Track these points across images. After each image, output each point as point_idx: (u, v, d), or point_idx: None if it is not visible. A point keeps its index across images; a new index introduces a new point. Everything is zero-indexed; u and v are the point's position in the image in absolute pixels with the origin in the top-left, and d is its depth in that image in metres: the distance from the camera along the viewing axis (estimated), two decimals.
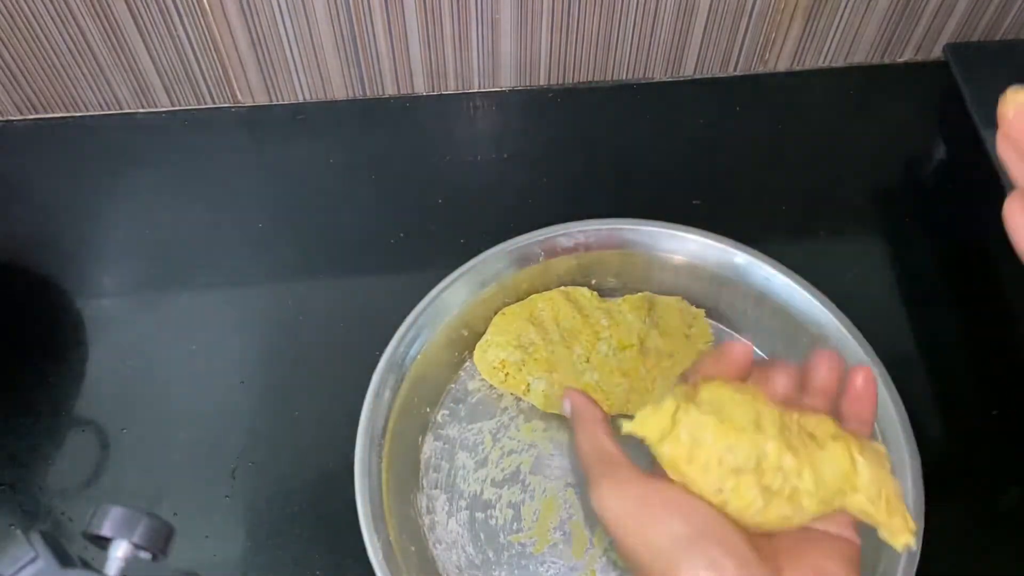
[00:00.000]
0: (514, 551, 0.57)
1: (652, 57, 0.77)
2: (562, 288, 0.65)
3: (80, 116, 0.76)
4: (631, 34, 0.75)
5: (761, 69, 0.80)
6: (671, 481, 0.38)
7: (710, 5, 0.73)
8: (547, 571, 0.57)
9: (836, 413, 0.42)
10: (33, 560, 0.36)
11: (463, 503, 0.59)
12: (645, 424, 0.39)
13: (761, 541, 0.38)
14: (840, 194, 0.74)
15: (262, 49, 0.72)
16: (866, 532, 0.51)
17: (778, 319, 0.62)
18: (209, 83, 0.75)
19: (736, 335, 0.65)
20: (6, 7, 0.66)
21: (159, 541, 0.40)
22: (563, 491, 0.59)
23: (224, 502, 0.59)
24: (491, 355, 0.62)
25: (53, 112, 0.76)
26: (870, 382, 0.43)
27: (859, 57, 0.80)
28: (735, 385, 0.40)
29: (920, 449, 0.55)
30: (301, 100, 0.77)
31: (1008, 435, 0.63)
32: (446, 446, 0.61)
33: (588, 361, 0.61)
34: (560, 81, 0.79)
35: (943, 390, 0.64)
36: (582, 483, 0.59)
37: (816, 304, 0.60)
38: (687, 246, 0.63)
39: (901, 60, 0.81)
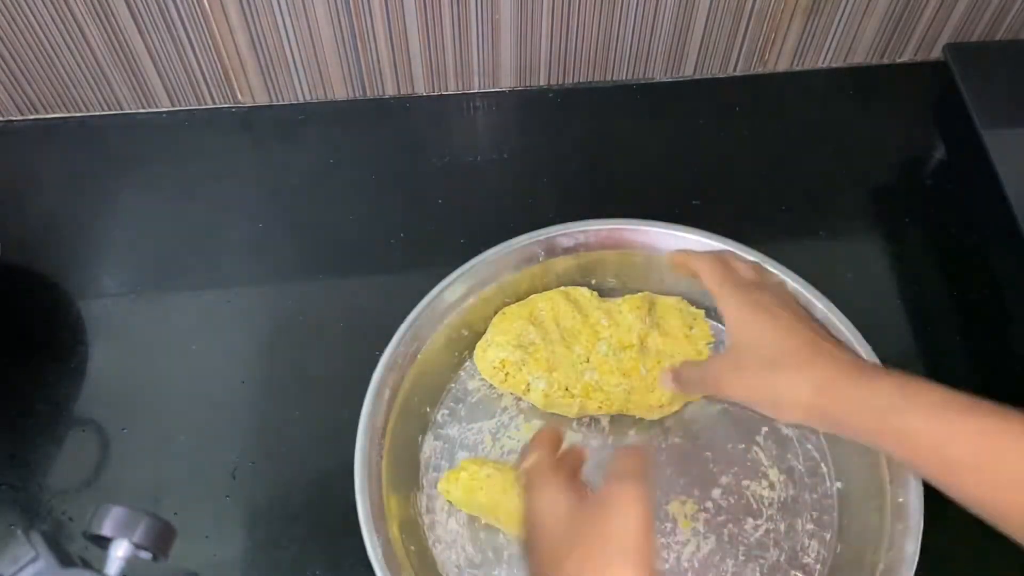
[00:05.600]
0: (513, 550, 0.57)
1: (652, 57, 0.77)
2: (562, 288, 0.65)
3: (81, 116, 0.76)
4: (631, 34, 0.75)
5: (761, 69, 0.80)
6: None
7: (710, 5, 0.73)
8: None
9: None
10: (33, 560, 0.36)
11: None
12: None
13: None
14: (840, 194, 0.74)
15: (262, 49, 0.72)
16: (868, 530, 0.52)
17: None
18: (209, 83, 0.75)
19: None
20: (7, 8, 0.66)
21: (159, 541, 0.40)
22: None
23: (224, 502, 0.59)
24: (491, 355, 0.62)
25: (54, 112, 0.76)
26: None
27: (859, 57, 0.80)
28: None
29: None
30: (301, 100, 0.77)
31: None
32: (446, 446, 0.61)
33: (588, 361, 0.61)
34: (560, 81, 0.79)
35: None
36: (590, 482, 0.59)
37: (816, 304, 0.60)
38: (687, 246, 0.63)
39: (901, 60, 0.81)
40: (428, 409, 0.62)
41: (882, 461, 0.56)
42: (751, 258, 0.60)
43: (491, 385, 0.63)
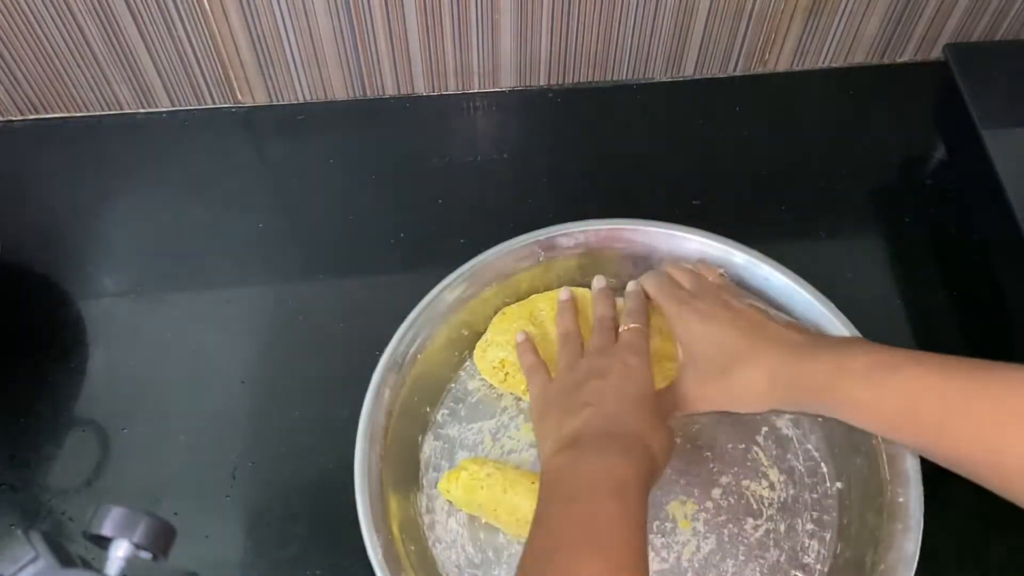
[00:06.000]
0: (513, 550, 0.57)
1: (652, 57, 0.77)
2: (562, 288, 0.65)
3: (80, 117, 0.76)
4: (631, 34, 0.75)
5: (761, 69, 0.80)
6: None
7: (710, 5, 0.73)
8: None
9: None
10: (34, 560, 0.36)
11: None
12: None
13: None
14: (840, 194, 0.74)
15: (262, 49, 0.72)
16: (867, 530, 0.51)
17: None
18: (209, 83, 0.75)
19: None
20: (6, 7, 0.66)
21: (160, 541, 0.40)
22: None
23: (224, 502, 0.59)
24: (491, 355, 0.62)
25: (53, 112, 0.76)
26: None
27: (859, 57, 0.80)
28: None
29: None
30: (301, 100, 0.77)
31: None
32: (446, 446, 0.61)
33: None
34: (560, 81, 0.79)
35: None
36: None
37: (816, 304, 0.60)
38: (687, 246, 0.64)
39: (901, 60, 0.81)
40: (428, 409, 0.62)
41: (882, 461, 0.56)
42: (687, 265, 0.63)
43: (491, 385, 0.63)
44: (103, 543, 0.39)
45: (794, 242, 0.71)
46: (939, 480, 0.53)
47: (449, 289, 0.61)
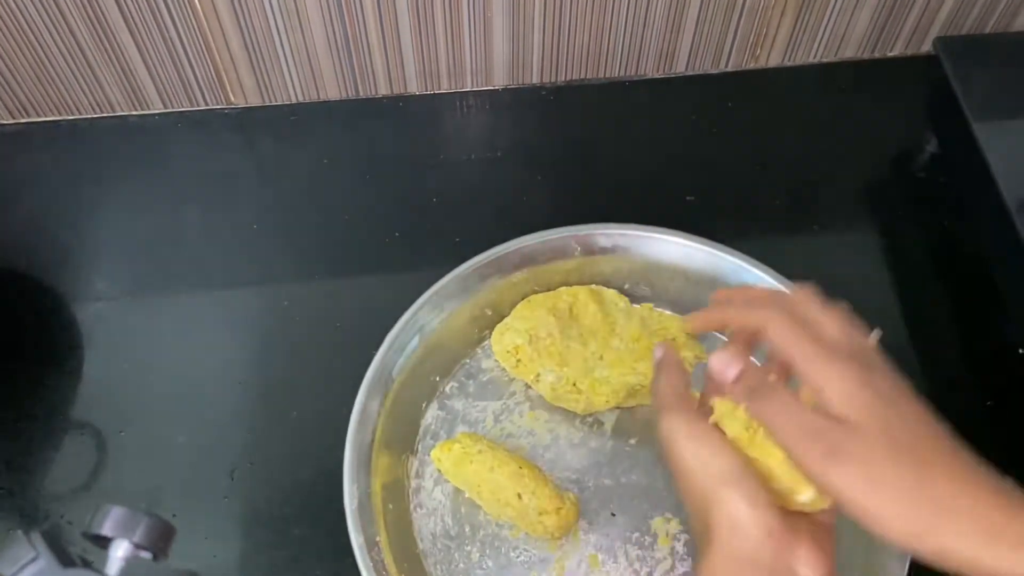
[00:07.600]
0: (490, 530, 0.58)
1: (644, 54, 0.78)
2: (593, 287, 0.65)
3: (72, 119, 0.76)
4: (623, 31, 0.75)
5: (752, 65, 0.80)
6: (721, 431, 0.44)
7: (701, 2, 0.73)
8: (518, 557, 0.57)
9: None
10: (34, 559, 0.36)
11: None
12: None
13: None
14: (833, 188, 0.75)
15: (254, 50, 0.72)
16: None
17: None
18: (201, 84, 0.74)
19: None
20: None
21: (160, 541, 0.40)
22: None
23: (223, 503, 0.59)
24: (507, 339, 0.62)
25: (45, 115, 0.76)
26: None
27: (849, 52, 0.81)
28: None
29: None
30: (294, 101, 0.77)
31: (1002, 427, 0.63)
32: (448, 416, 0.62)
33: (602, 359, 0.61)
34: (552, 79, 0.79)
35: (937, 385, 0.64)
36: (582, 481, 0.59)
37: None
38: (728, 269, 0.62)
39: (891, 54, 0.82)
40: (438, 378, 0.63)
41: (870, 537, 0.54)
42: (815, 297, 0.46)
43: (504, 368, 0.63)
44: (103, 543, 0.39)
45: (787, 236, 0.72)
46: None
47: (481, 266, 0.62)
